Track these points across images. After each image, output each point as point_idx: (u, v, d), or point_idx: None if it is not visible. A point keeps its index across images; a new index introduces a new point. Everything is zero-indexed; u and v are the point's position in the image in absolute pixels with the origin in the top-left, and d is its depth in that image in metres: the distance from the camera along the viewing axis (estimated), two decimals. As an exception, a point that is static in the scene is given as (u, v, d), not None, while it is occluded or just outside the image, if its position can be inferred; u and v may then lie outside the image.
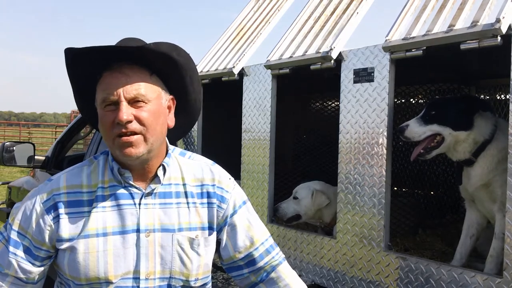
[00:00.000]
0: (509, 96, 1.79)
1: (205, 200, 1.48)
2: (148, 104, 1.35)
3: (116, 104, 1.32)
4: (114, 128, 1.33)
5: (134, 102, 1.33)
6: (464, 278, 1.87)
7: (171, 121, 1.46)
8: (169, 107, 1.45)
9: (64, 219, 1.37)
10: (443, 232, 3.19)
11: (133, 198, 1.41)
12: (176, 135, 1.55)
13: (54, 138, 21.69)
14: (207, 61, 3.30)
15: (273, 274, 1.55)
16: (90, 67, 1.37)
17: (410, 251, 2.74)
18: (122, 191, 1.41)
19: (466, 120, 2.22)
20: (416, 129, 2.26)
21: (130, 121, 1.32)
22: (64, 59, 1.37)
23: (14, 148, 4.09)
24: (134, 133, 1.33)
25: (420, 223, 3.25)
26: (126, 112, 1.31)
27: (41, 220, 1.37)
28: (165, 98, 1.43)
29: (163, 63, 1.38)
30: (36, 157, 4.23)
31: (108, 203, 1.39)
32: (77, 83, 1.44)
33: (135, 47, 1.33)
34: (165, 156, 1.47)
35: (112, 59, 1.35)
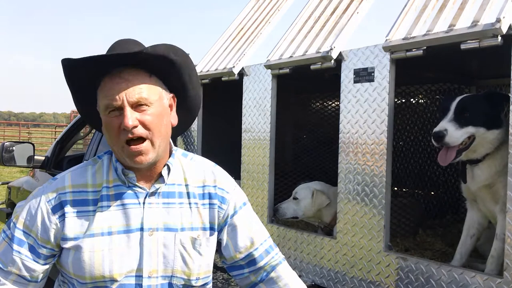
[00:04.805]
0: (510, 96, 1.79)
1: (206, 201, 1.50)
2: (151, 107, 1.36)
3: (120, 109, 1.33)
4: (121, 134, 1.34)
5: (137, 106, 1.34)
6: (464, 278, 1.87)
7: (174, 119, 1.48)
8: (170, 106, 1.46)
9: (69, 218, 1.38)
10: (444, 232, 3.18)
11: (137, 197, 1.42)
12: (176, 131, 1.56)
13: (53, 138, 21.68)
14: (207, 61, 3.29)
15: (272, 274, 1.56)
16: (88, 75, 1.37)
17: (410, 252, 2.73)
18: (126, 190, 1.42)
19: (498, 117, 2.14)
20: (455, 134, 2.13)
21: (136, 126, 1.33)
22: (62, 69, 1.37)
23: (14, 148, 4.08)
24: (141, 138, 1.34)
25: (420, 223, 3.24)
26: (131, 117, 1.32)
27: (46, 219, 1.38)
28: (166, 98, 1.44)
29: (161, 64, 1.39)
30: (35, 157, 4.22)
31: (113, 202, 1.41)
32: (77, 90, 1.45)
33: (132, 53, 1.34)
34: (169, 156, 1.48)
35: (110, 65, 1.36)
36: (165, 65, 1.39)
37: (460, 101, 2.23)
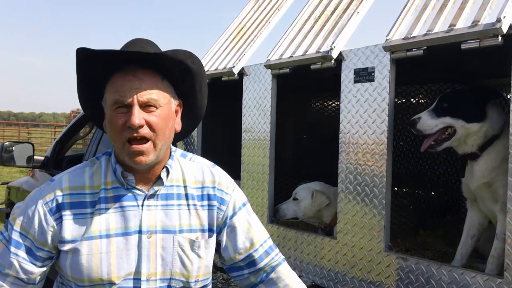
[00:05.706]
0: (510, 96, 1.79)
1: (205, 202, 1.49)
2: (159, 109, 1.36)
3: (128, 107, 1.32)
4: (125, 131, 1.33)
5: (145, 106, 1.34)
6: (465, 278, 1.87)
7: (178, 125, 1.47)
8: (176, 112, 1.46)
9: (67, 221, 1.37)
10: (444, 232, 3.18)
11: (136, 199, 1.41)
12: (178, 137, 1.55)
13: (53, 138, 21.65)
14: (207, 60, 3.29)
15: (272, 275, 1.55)
16: (101, 68, 1.36)
17: (411, 252, 2.73)
18: (125, 192, 1.41)
19: (479, 112, 2.19)
20: (428, 122, 2.24)
21: (142, 126, 1.32)
22: (76, 58, 1.36)
23: (13, 148, 4.07)
24: (144, 138, 1.33)
25: (420, 224, 3.24)
26: (138, 116, 1.31)
27: (43, 221, 1.37)
28: (174, 103, 1.44)
29: (177, 70, 1.39)
30: (35, 157, 4.22)
31: (111, 204, 1.40)
32: (85, 82, 1.44)
33: (153, 53, 1.33)
34: (168, 158, 1.47)
35: (126, 62, 1.35)
36: (180, 71, 1.40)
37: (445, 94, 2.32)
